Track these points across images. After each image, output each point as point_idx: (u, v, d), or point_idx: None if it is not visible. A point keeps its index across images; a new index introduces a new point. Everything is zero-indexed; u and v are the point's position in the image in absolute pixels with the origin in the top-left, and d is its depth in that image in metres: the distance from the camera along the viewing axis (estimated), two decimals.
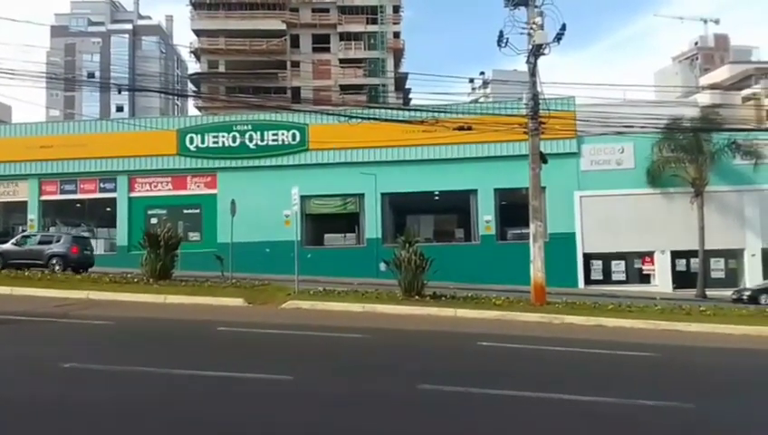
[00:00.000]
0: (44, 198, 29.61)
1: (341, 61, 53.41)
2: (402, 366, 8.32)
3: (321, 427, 5.41)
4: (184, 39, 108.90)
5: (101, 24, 76.14)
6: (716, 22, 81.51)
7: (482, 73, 74.58)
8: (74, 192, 29.58)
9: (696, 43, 79.98)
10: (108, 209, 29.46)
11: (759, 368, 9.91)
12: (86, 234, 27.68)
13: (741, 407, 6.85)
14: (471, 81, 61.89)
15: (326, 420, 5.59)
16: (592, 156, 27.72)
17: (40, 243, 21.22)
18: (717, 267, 27.59)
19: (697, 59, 78.12)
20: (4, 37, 25.83)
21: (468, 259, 25.89)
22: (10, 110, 48.35)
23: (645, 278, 27.79)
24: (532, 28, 15.96)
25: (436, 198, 28.81)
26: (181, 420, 5.40)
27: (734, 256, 27.79)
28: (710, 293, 25.39)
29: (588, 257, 27.51)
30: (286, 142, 28.44)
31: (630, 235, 26.79)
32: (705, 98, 39.18)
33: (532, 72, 16.46)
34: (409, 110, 29.97)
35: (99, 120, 38.55)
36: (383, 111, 29.67)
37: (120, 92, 62.84)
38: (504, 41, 16.02)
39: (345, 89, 51.52)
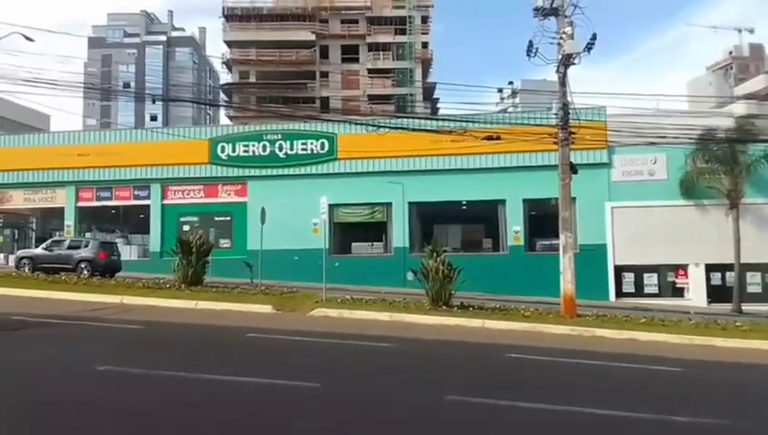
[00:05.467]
0: (81, 204, 30.33)
1: (370, 71, 53.73)
2: (430, 377, 8.30)
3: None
4: (216, 50, 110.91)
5: (137, 35, 78.13)
6: (751, 31, 79.82)
7: (511, 83, 74.36)
8: (109, 199, 30.24)
9: (731, 53, 78.34)
10: (141, 216, 30.05)
11: None
12: (116, 239, 28.29)
13: None
14: (500, 90, 61.70)
15: (351, 429, 5.61)
16: (624, 166, 27.30)
17: (69, 248, 21.80)
18: (754, 281, 26.80)
19: (732, 69, 76.50)
20: (44, 48, 26.69)
21: (496, 270, 25.66)
22: (49, 119, 49.73)
23: (678, 292, 27.17)
24: (561, 38, 15.88)
25: (464, 207, 28.69)
26: (208, 425, 5.48)
27: None
28: (746, 307, 24.68)
29: (619, 270, 27.02)
30: (315, 151, 28.70)
31: (663, 247, 26.25)
32: (740, 108, 38.29)
33: (562, 82, 16.35)
34: (437, 119, 29.99)
35: (133, 129, 39.44)
36: (411, 120, 29.73)
37: (154, 102, 64.52)
38: (534, 51, 15.95)
39: (373, 99, 51.80)
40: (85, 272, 20.44)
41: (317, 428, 5.57)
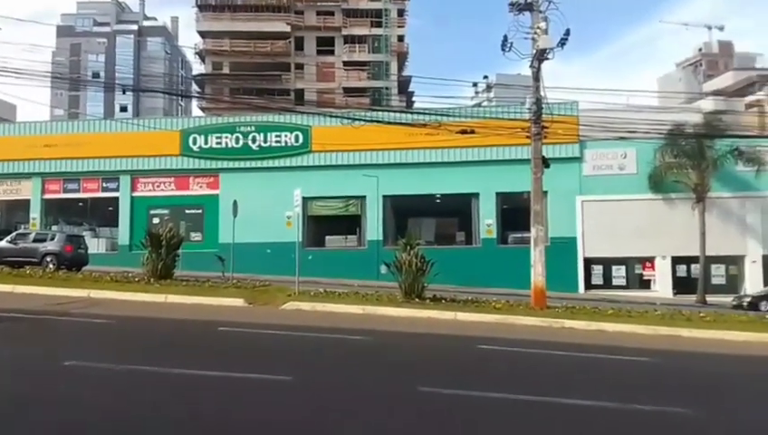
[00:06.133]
0: (47, 196, 29.70)
1: (345, 63, 53.50)
2: (402, 369, 8.34)
3: (319, 428, 5.43)
4: (189, 40, 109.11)
5: (107, 24, 76.40)
6: (721, 28, 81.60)
7: (485, 77, 74.83)
8: (77, 191, 29.67)
9: (701, 50, 79.89)
10: (110, 209, 29.54)
11: (757, 375, 9.91)
12: (84, 232, 27.77)
13: (737, 413, 6.87)
14: (474, 85, 62.10)
15: (325, 422, 5.61)
16: (595, 161, 27.73)
17: (34, 241, 21.32)
18: (718, 273, 27.56)
19: (701, 65, 78.07)
20: (11, 37, 25.95)
21: (469, 262, 25.89)
22: (15, 109, 48.51)
23: (645, 284, 27.77)
24: (536, 33, 16.01)
25: (438, 201, 28.84)
26: (178, 420, 5.42)
27: (734, 262, 27.75)
28: (710, 299, 25.36)
29: (588, 262, 27.51)
30: (289, 144, 28.51)
31: (631, 240, 26.78)
32: (708, 104, 39.13)
33: (536, 77, 16.50)
34: (412, 113, 30.02)
35: (103, 120, 38.68)
36: (386, 113, 29.72)
37: (124, 93, 63.25)
38: (509, 45, 16.07)
39: (348, 91, 51.59)
40: (51, 265, 20.01)
41: (287, 420, 5.55)
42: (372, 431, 5.44)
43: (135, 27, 77.25)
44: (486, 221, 27.88)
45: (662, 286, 27.34)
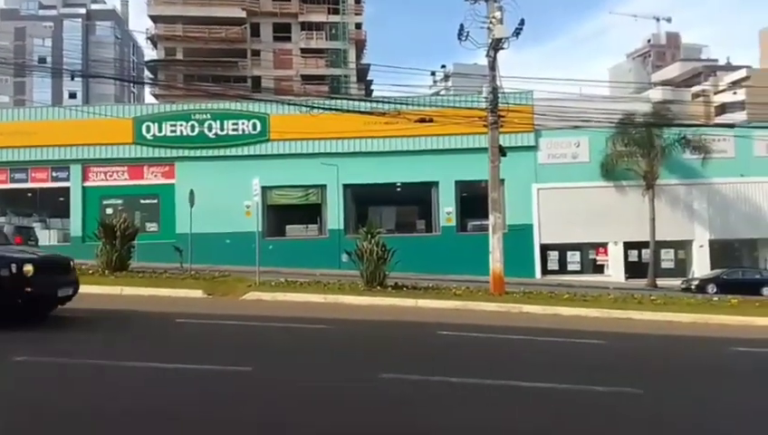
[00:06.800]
0: None
1: (303, 51, 52.88)
2: (364, 356, 8.39)
3: (279, 417, 5.41)
4: (140, 25, 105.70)
5: (53, 7, 73.49)
6: (668, 20, 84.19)
7: (443, 67, 75.27)
8: (25, 181, 28.59)
9: (649, 41, 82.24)
10: (61, 199, 28.58)
11: (705, 354, 10.37)
12: (33, 224, 26.84)
13: (688, 393, 7.18)
14: (433, 73, 62.25)
15: (285, 411, 5.60)
16: (549, 149, 28.31)
17: None
18: (667, 258, 28.63)
19: (650, 56, 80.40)
20: None
21: (429, 250, 26.14)
22: None
23: (599, 268, 28.62)
24: (491, 22, 16.19)
25: (398, 189, 28.95)
26: (129, 414, 5.30)
27: (683, 247, 28.86)
28: (660, 282, 26.33)
29: (544, 248, 28.17)
30: (246, 132, 28.08)
31: (585, 226, 27.53)
32: (657, 94, 40.41)
33: (492, 66, 16.71)
34: (371, 101, 29.95)
35: (51, 107, 37.21)
36: (345, 102, 29.59)
37: (72, 78, 60.76)
38: (465, 34, 16.22)
39: (307, 79, 51.09)
40: None
41: (246, 410, 5.52)
42: (334, 417, 5.47)
43: (83, 11, 74.55)
44: (446, 209, 28.18)
45: (615, 271, 28.24)
